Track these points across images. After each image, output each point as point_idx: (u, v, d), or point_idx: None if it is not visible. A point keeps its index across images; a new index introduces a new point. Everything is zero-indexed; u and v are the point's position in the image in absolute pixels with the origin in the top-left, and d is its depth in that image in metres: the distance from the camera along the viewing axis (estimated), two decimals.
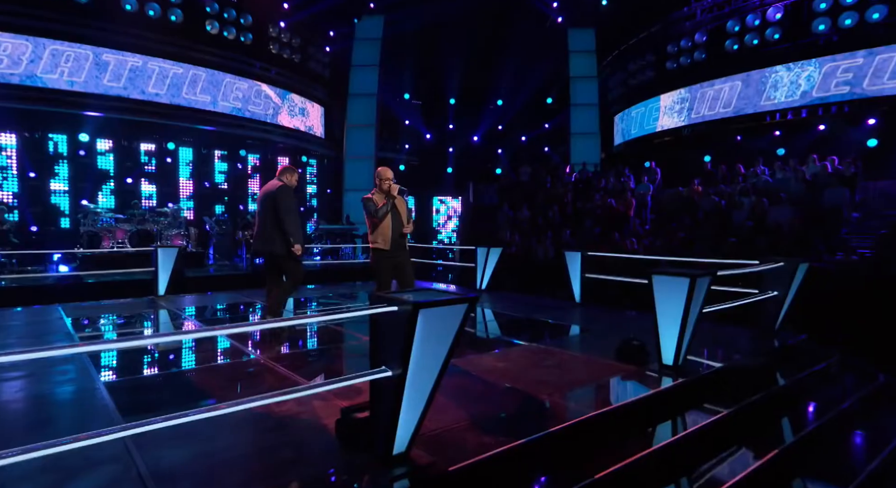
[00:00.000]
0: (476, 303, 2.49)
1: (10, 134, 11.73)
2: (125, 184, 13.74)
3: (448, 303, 2.38)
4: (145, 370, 4.37)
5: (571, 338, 5.35)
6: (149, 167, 14.09)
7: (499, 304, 7.46)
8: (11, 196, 11.99)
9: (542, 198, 14.57)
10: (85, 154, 13.04)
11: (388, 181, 4.65)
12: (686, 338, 4.00)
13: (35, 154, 12.25)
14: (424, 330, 2.31)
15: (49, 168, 12.41)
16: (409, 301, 2.26)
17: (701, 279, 3.84)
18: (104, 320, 6.19)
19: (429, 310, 2.29)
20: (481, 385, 3.73)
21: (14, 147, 11.91)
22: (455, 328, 2.45)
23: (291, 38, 14.70)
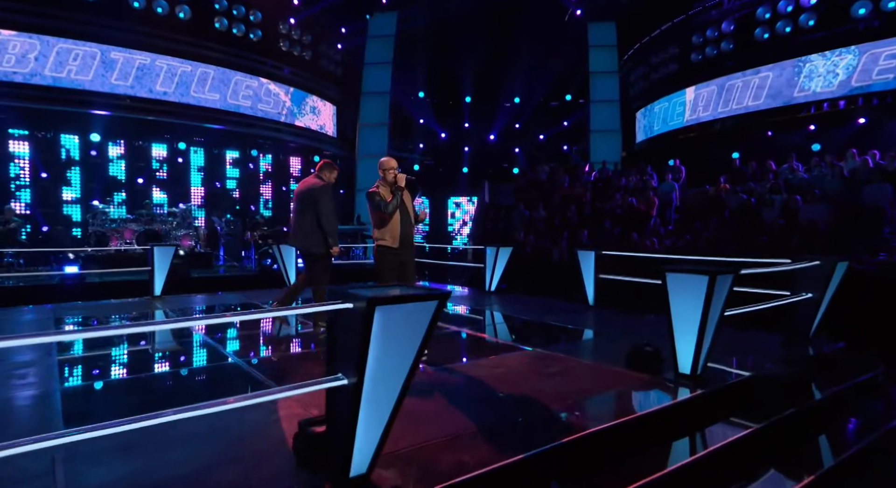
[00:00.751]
0: (447, 300, 2.15)
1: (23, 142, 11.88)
2: (136, 185, 13.81)
3: (412, 300, 2.05)
4: (114, 373, 4.14)
5: (580, 344, 4.96)
6: (160, 168, 14.16)
7: (507, 307, 7.10)
8: (23, 197, 12.12)
9: (560, 197, 14.12)
10: (96, 154, 13.15)
11: (394, 171, 4.31)
12: (705, 344, 3.59)
13: (45, 154, 12.38)
14: (384, 331, 1.99)
15: (59, 168, 12.53)
16: (364, 296, 1.94)
17: (722, 277, 3.43)
18: (89, 321, 6.03)
19: (388, 307, 1.97)
20: (472, 394, 3.38)
21: (27, 153, 12.05)
22: (423, 329, 2.12)
23: (302, 35, 14.61)
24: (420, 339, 2.12)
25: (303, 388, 2.10)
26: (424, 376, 3.78)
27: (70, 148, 12.59)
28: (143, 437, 2.51)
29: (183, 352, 4.74)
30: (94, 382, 3.83)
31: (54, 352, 4.26)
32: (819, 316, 4.95)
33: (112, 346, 4.71)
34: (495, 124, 19.22)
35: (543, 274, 10.23)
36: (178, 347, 4.84)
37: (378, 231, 4.33)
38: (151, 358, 4.59)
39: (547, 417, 2.99)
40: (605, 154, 16.85)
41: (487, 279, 8.15)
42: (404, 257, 4.38)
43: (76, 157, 12.74)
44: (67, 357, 4.34)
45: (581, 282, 6.92)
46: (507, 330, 5.71)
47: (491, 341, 5.16)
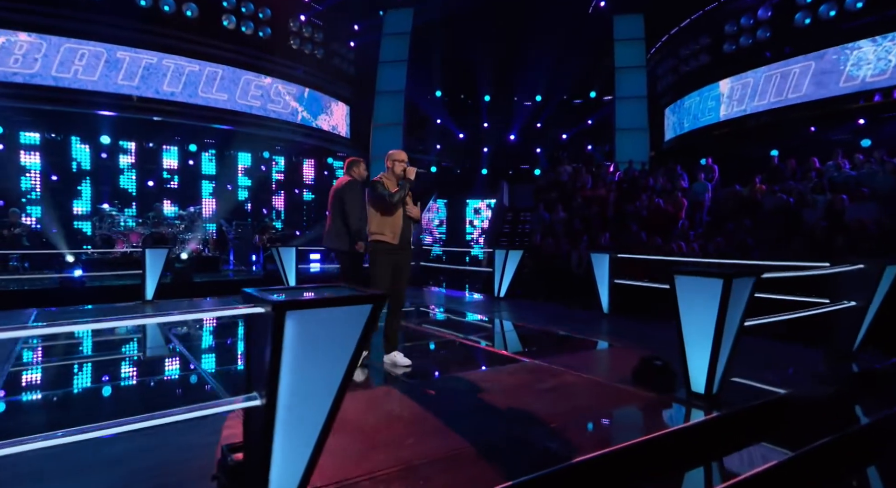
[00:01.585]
0: (383, 303, 1.83)
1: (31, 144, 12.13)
2: (146, 188, 13.97)
3: (337, 304, 1.74)
4: (73, 383, 3.95)
5: (585, 355, 4.57)
6: (169, 171, 14.29)
7: (514, 314, 6.74)
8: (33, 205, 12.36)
9: (581, 199, 13.65)
10: (106, 157, 13.35)
11: (403, 163, 4.04)
12: (721, 359, 3.17)
13: (55, 157, 12.60)
14: (300, 340, 1.69)
15: (68, 171, 12.74)
16: (272, 300, 1.64)
17: (739, 280, 3.01)
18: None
19: (302, 312, 1.66)
20: (447, 413, 3.04)
21: (36, 156, 12.29)
22: (354, 339, 1.81)
23: (313, 32, 14.56)
24: (351, 351, 1.81)
25: (211, 409, 1.81)
26: (399, 390, 3.47)
27: (79, 150, 12.79)
28: (59, 461, 2.27)
29: (131, 359, 4.54)
30: (33, 395, 3.64)
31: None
32: (865, 327, 4.43)
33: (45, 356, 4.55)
34: (515, 124, 18.85)
35: (560, 279, 9.80)
36: (128, 354, 4.66)
37: (376, 225, 4.02)
38: (116, 364, 4.41)
39: (531, 442, 2.63)
40: (632, 153, 16.29)
41: (496, 284, 7.79)
42: (401, 259, 4.07)
43: (85, 160, 12.94)
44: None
45: (595, 288, 6.50)
46: (507, 339, 5.35)
47: (486, 351, 4.81)
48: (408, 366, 4.03)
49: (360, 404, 3.16)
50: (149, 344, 5.05)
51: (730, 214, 10.99)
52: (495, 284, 7.80)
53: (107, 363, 4.44)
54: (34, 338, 4.73)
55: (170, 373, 4.16)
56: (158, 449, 2.44)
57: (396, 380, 3.71)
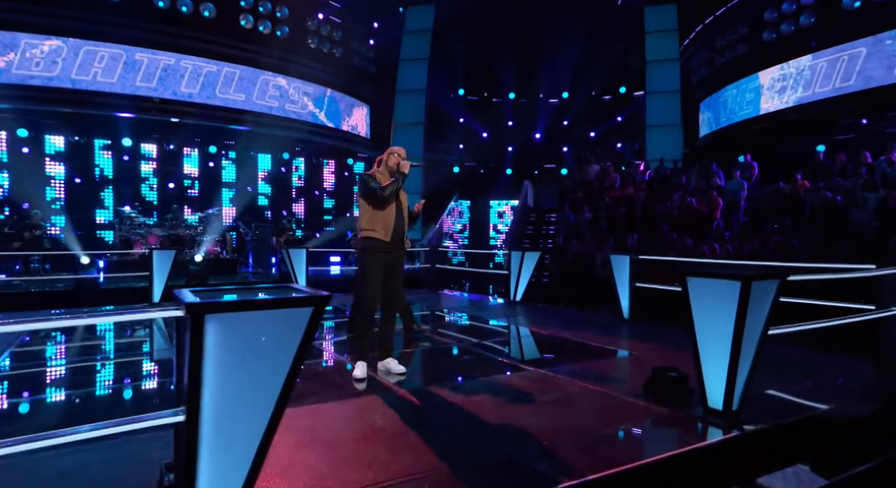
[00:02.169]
0: (325, 305, 1.65)
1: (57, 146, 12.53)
2: (167, 189, 14.23)
3: (268, 307, 1.57)
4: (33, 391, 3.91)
5: (595, 364, 4.29)
6: (190, 171, 14.53)
7: (528, 318, 6.49)
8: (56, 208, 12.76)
9: (609, 198, 13.25)
10: (129, 159, 13.66)
11: (400, 157, 3.92)
12: (742, 371, 2.87)
13: (78, 160, 12.95)
14: (226, 347, 1.52)
15: (91, 173, 13.07)
16: (188, 302, 1.47)
17: (761, 283, 2.71)
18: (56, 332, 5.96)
19: (224, 316, 1.49)
20: (432, 427, 2.84)
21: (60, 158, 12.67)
22: (293, 345, 1.63)
23: (332, 31, 14.61)
24: (290, 359, 1.63)
25: (136, 423, 1.66)
26: (386, 400, 3.28)
27: (100, 153, 13.12)
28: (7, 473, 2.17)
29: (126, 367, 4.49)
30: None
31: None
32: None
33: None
34: (541, 122, 18.50)
35: (582, 282, 9.47)
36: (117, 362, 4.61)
37: (367, 220, 3.84)
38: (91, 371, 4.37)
39: (518, 461, 2.40)
40: (664, 150, 15.75)
41: (512, 287, 7.54)
42: (393, 259, 3.87)
43: (107, 163, 13.26)
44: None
45: (615, 292, 6.19)
46: (514, 346, 5.10)
47: (490, 359, 4.58)
48: (402, 373, 3.85)
49: (342, 415, 2.99)
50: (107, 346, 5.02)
51: (770, 214, 10.45)
52: (511, 287, 7.55)
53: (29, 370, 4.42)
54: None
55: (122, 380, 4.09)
56: (107, 463, 2.32)
57: (386, 389, 3.53)
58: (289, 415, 2.92)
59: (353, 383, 3.64)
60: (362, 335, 3.85)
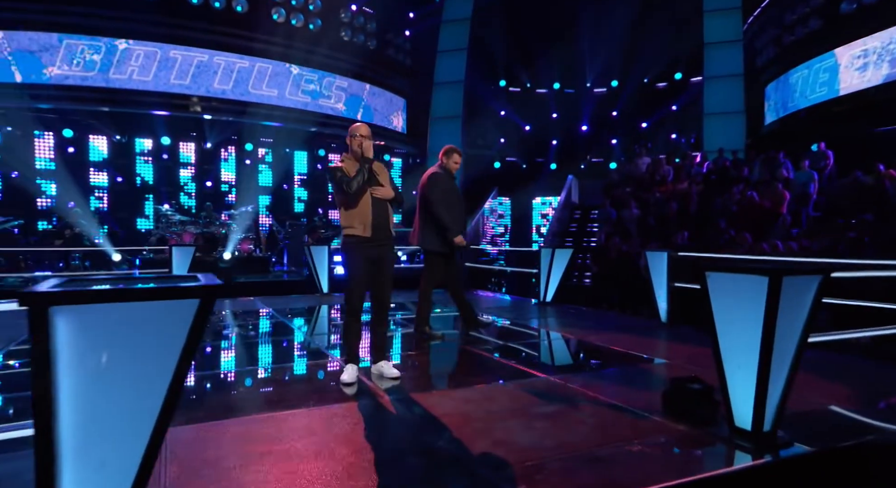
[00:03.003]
0: (214, 295, 1.43)
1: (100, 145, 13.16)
2: (204, 187, 14.66)
3: (138, 298, 1.36)
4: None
5: (614, 372, 3.91)
6: (227, 169, 14.91)
7: (554, 320, 6.12)
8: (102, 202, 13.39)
9: (659, 193, 12.57)
10: (168, 158, 14.17)
11: (362, 139, 3.59)
12: (775, 385, 2.46)
13: (120, 160, 13.54)
14: (85, 346, 1.33)
15: (132, 172, 13.63)
16: (28, 292, 1.29)
17: (795, 279, 2.30)
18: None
19: (82, 309, 1.30)
20: (404, 443, 2.60)
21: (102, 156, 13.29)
22: (176, 345, 1.43)
23: (366, 23, 14.62)
24: (174, 361, 1.42)
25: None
26: (363, 410, 3.06)
27: (140, 151, 13.65)
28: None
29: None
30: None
31: None
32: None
33: None
34: (588, 113, 17.86)
35: (624, 283, 8.95)
36: None
37: (344, 217, 3.62)
38: None
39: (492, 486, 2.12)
40: (724, 140, 14.84)
41: (542, 287, 7.16)
42: (380, 253, 3.64)
43: (146, 162, 13.78)
44: None
45: (652, 293, 5.73)
46: (530, 350, 4.74)
47: (498, 363, 4.28)
48: (396, 377, 3.62)
49: (311, 424, 2.77)
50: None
51: (846, 208, 9.56)
52: (541, 287, 7.18)
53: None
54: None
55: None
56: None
57: (370, 396, 3.30)
58: (254, 422, 2.76)
59: (341, 388, 3.44)
60: (351, 337, 3.65)
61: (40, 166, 12.68)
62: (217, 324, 6.11)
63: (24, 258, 10.85)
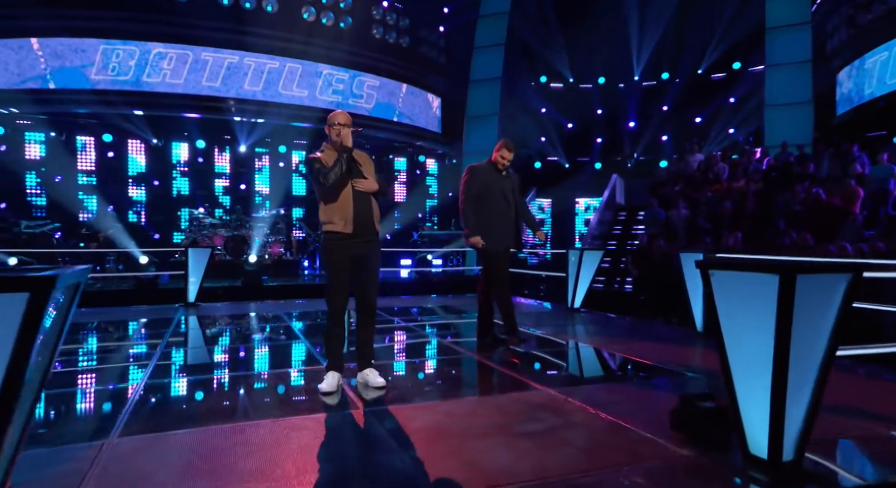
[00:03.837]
0: (49, 288, 1.28)
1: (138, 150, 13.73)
2: (238, 190, 15.03)
3: None
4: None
5: (629, 386, 3.58)
6: (259, 173, 15.24)
7: (578, 328, 5.80)
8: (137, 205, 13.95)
9: (711, 192, 11.91)
10: (203, 161, 14.61)
11: (340, 127, 3.41)
12: (796, 406, 2.12)
13: (158, 162, 14.06)
14: None
15: (168, 174, 14.13)
16: None
17: (812, 279, 1.96)
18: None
19: None
20: (358, 466, 2.40)
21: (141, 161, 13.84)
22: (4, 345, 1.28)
23: (398, 19, 14.62)
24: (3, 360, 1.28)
25: None
26: (328, 423, 2.90)
27: (177, 154, 14.14)
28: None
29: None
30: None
31: None
32: None
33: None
34: (635, 108, 17.22)
35: (662, 288, 8.45)
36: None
37: (323, 212, 3.45)
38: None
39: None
40: (788, 134, 13.94)
41: (569, 292, 6.82)
42: (362, 251, 3.45)
43: (181, 163, 14.25)
44: None
45: (687, 300, 5.31)
46: (538, 360, 4.42)
47: (499, 372, 4.02)
48: (381, 386, 3.43)
49: (267, 439, 2.59)
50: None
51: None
52: (568, 292, 6.84)
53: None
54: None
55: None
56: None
57: (346, 407, 3.13)
58: (208, 434, 2.60)
59: (320, 398, 3.28)
60: (332, 343, 3.49)
61: (82, 170, 13.31)
62: (213, 327, 6.13)
63: (62, 260, 11.39)
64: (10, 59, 11.09)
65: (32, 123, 12.60)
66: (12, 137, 12.56)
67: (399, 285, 11.28)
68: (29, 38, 11.18)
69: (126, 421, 2.80)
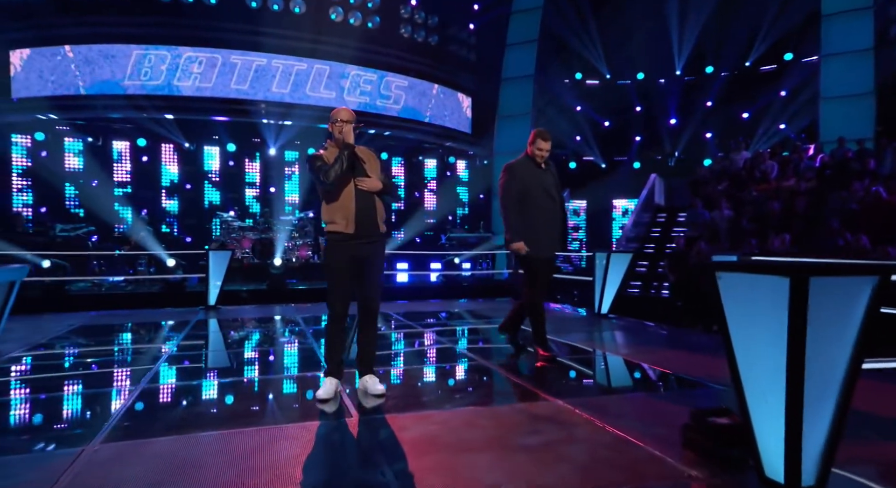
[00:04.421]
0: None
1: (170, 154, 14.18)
2: (268, 193, 15.31)
3: None
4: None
5: (640, 398, 3.40)
6: (289, 176, 15.49)
7: (602, 335, 5.62)
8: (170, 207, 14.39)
9: (757, 192, 11.44)
10: (234, 164, 14.96)
11: (342, 124, 3.38)
12: (817, 424, 1.94)
13: (189, 166, 14.47)
14: None
15: (199, 178, 14.52)
16: None
17: (824, 281, 1.78)
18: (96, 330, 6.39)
19: None
20: (332, 481, 2.33)
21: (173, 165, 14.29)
22: None
23: (427, 18, 14.62)
24: None
25: None
26: (321, 431, 2.84)
27: (209, 155, 14.52)
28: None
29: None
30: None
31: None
32: None
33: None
34: (676, 104, 16.71)
35: (703, 293, 8.11)
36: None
37: (325, 212, 3.42)
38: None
39: None
40: (847, 128, 13.27)
41: (596, 297, 6.62)
42: (365, 251, 3.39)
43: (212, 168, 14.62)
44: None
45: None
46: (552, 368, 4.23)
47: (509, 381, 3.91)
48: (380, 394, 3.37)
49: (243, 448, 2.52)
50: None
51: None
52: (595, 298, 6.63)
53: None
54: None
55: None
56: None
57: (339, 416, 3.07)
58: (189, 441, 2.58)
59: (316, 405, 3.24)
60: (331, 347, 3.44)
61: (117, 175, 13.82)
62: (226, 331, 6.18)
63: (98, 264, 11.82)
64: (44, 67, 11.62)
65: (70, 129, 13.16)
66: (52, 143, 13.15)
67: (428, 289, 11.25)
68: (63, 45, 11.67)
69: (113, 427, 2.82)
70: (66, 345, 5.28)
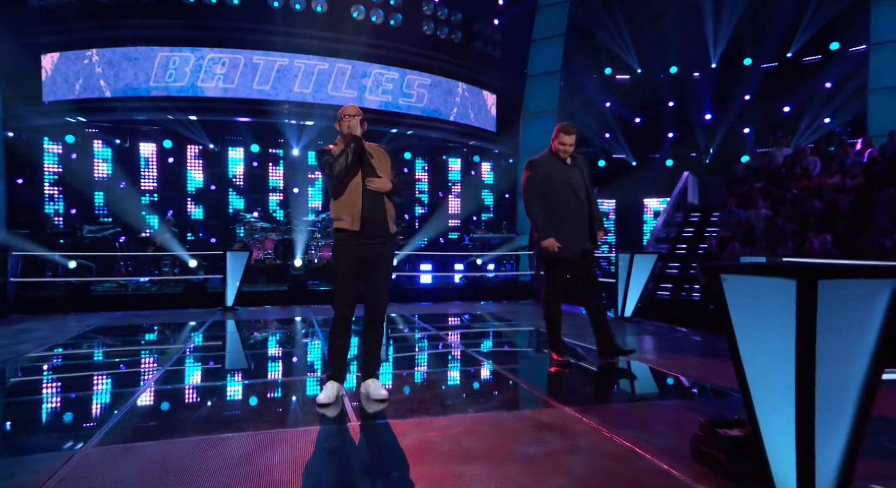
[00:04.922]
0: None
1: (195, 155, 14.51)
2: (291, 193, 15.51)
3: None
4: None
5: (653, 407, 3.28)
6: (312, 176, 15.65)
7: (623, 339, 5.44)
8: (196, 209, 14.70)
9: (797, 189, 11.04)
10: (257, 165, 15.20)
11: (349, 118, 3.39)
12: (831, 436, 1.82)
13: (214, 167, 14.76)
14: None
15: (224, 179, 14.79)
16: None
17: (835, 284, 1.67)
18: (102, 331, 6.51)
19: None
20: (322, 485, 2.30)
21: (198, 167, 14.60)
22: None
23: (450, 14, 14.58)
24: None
25: None
26: (312, 437, 2.82)
27: (233, 159, 14.79)
28: None
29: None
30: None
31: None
32: None
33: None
34: (710, 99, 16.27)
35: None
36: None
37: (333, 207, 3.44)
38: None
39: None
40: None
41: (619, 300, 6.46)
42: (372, 251, 3.37)
43: (236, 169, 14.88)
44: None
45: None
46: (564, 374, 4.14)
47: (518, 386, 3.84)
48: (382, 399, 3.34)
49: (234, 454, 2.52)
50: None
51: None
52: (618, 300, 6.47)
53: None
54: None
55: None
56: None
57: (335, 420, 3.05)
58: (180, 446, 2.58)
59: (317, 409, 3.22)
60: (334, 350, 3.42)
61: (144, 176, 14.19)
62: (239, 333, 6.23)
63: (124, 264, 12.15)
64: (70, 71, 12.00)
65: (98, 132, 13.56)
66: (82, 145, 13.58)
67: (451, 291, 11.22)
68: (88, 49, 12.04)
69: (109, 430, 2.84)
70: (80, 347, 5.40)
